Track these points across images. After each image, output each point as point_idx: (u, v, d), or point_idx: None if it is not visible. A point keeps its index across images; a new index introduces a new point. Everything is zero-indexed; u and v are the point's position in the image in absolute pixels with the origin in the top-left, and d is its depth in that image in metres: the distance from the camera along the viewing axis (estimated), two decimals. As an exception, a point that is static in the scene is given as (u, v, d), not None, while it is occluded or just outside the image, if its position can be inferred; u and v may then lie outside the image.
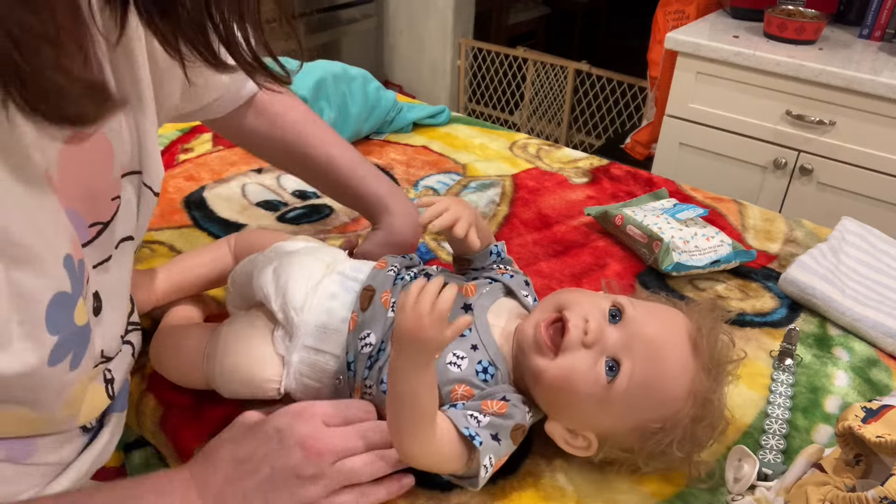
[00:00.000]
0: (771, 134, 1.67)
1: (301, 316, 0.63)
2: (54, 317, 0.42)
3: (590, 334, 0.57)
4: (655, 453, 0.58)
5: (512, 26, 3.53)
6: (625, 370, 0.56)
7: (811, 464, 0.59)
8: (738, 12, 1.87)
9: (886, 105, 1.50)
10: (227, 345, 0.65)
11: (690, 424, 0.57)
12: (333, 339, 0.63)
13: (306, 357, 0.63)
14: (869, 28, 1.73)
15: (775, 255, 0.97)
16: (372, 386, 0.62)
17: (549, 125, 2.77)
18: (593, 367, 0.57)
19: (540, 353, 0.58)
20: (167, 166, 1.12)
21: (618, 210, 0.98)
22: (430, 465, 0.56)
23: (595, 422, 0.59)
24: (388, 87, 1.39)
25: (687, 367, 0.57)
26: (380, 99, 1.24)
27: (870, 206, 1.59)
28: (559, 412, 0.60)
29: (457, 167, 1.18)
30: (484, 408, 0.57)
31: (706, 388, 0.57)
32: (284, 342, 0.64)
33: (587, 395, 0.57)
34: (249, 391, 0.65)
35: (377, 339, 0.62)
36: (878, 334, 0.80)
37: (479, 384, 0.59)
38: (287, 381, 0.64)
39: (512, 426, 0.57)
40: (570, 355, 0.57)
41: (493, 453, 0.56)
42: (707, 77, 1.71)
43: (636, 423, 0.57)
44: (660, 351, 0.57)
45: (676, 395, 0.57)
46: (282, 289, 0.65)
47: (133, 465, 0.72)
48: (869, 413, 0.56)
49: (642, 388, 0.56)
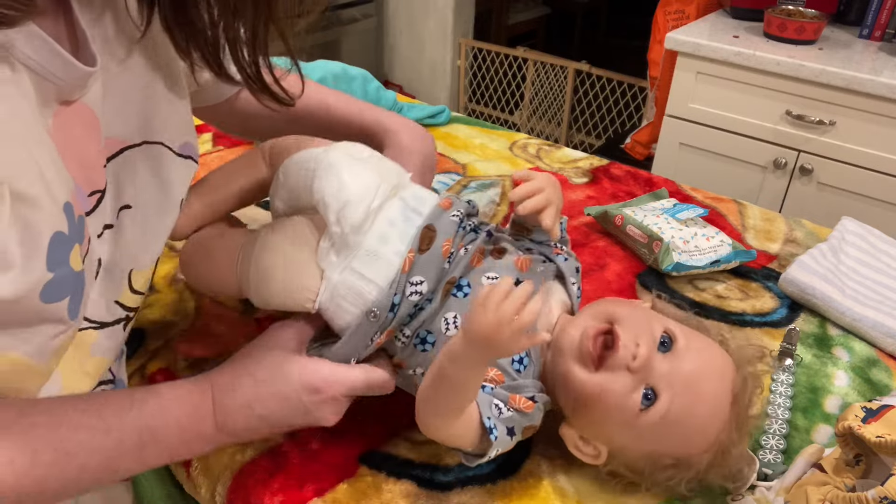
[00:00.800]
0: (771, 134, 1.67)
1: (356, 237, 0.60)
2: (52, 254, 0.42)
3: (638, 360, 0.55)
4: (661, 483, 0.58)
5: (512, 26, 3.53)
6: (661, 404, 0.55)
7: (811, 464, 0.59)
8: (738, 12, 1.87)
9: (886, 105, 1.49)
10: (266, 245, 0.61)
11: (704, 469, 0.57)
12: (382, 270, 0.59)
13: (349, 279, 0.60)
14: (869, 28, 1.73)
15: (775, 255, 0.97)
16: (410, 338, 0.60)
17: (549, 125, 2.77)
18: (630, 393, 0.55)
19: (582, 362, 0.57)
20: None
21: (618, 210, 0.98)
22: (441, 439, 0.55)
23: (612, 438, 0.58)
24: (388, 87, 1.39)
25: (720, 416, 0.56)
26: (380, 99, 1.24)
27: (870, 206, 1.59)
28: (580, 421, 0.59)
29: (457, 167, 1.18)
30: (511, 402, 0.56)
31: (731, 441, 0.57)
32: (330, 256, 0.60)
33: (615, 415, 0.56)
34: (282, 299, 0.61)
35: (428, 289, 0.59)
36: (878, 334, 0.80)
37: (512, 373, 0.58)
38: (323, 298, 0.60)
39: (527, 424, 0.57)
40: (611, 374, 0.56)
41: (503, 447, 0.56)
42: (707, 77, 1.71)
43: (652, 451, 0.57)
44: (700, 395, 0.56)
45: (700, 441, 0.56)
46: (342, 202, 0.59)
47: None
48: (869, 413, 0.56)
49: (671, 426, 0.55)
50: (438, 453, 0.64)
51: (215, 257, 0.65)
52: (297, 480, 0.61)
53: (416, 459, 0.64)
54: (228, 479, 0.62)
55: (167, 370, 0.72)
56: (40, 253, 0.42)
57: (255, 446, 0.64)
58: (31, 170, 0.41)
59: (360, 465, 0.63)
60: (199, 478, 0.63)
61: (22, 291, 0.41)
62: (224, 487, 0.61)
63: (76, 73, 0.46)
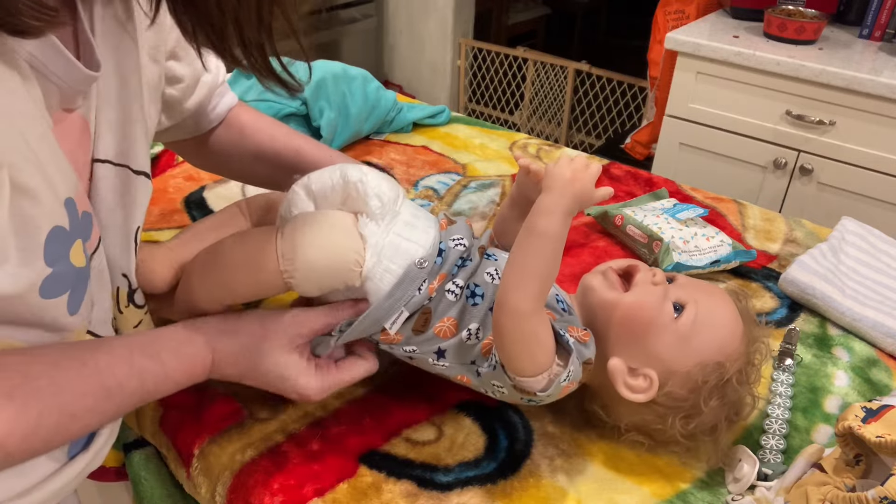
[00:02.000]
0: (771, 134, 1.67)
1: (395, 207, 0.63)
2: (50, 249, 0.43)
3: (658, 276, 0.63)
4: (715, 391, 0.60)
5: (512, 26, 3.53)
6: (689, 309, 0.61)
7: (811, 464, 0.59)
8: (738, 12, 1.87)
9: (886, 105, 1.49)
10: (308, 220, 0.61)
11: (745, 364, 0.61)
12: (422, 235, 0.62)
13: (394, 240, 0.61)
14: (869, 28, 1.73)
15: (775, 255, 0.97)
16: (462, 289, 0.62)
17: (549, 125, 2.77)
18: (663, 302, 0.61)
19: (612, 288, 0.63)
20: (167, 166, 1.12)
21: (618, 210, 0.98)
22: (525, 340, 0.55)
23: (661, 355, 0.60)
24: (388, 87, 1.39)
25: (737, 320, 0.63)
26: (380, 99, 1.24)
27: (870, 206, 1.59)
28: (625, 345, 0.61)
29: (457, 167, 1.18)
30: (570, 331, 0.59)
31: (752, 333, 0.63)
32: (370, 226, 0.61)
33: (657, 324, 0.60)
34: (329, 265, 0.59)
35: (468, 243, 0.64)
36: (878, 334, 0.80)
37: (560, 311, 0.62)
38: (370, 263, 0.60)
39: (587, 357, 0.59)
40: (640, 289, 0.62)
41: (574, 369, 0.58)
42: (707, 77, 1.71)
43: (700, 360, 0.60)
44: (716, 302, 0.63)
45: (733, 334, 0.61)
46: (378, 181, 0.63)
47: (133, 466, 0.72)
48: (869, 413, 0.56)
49: (705, 327, 0.61)
50: (438, 453, 0.64)
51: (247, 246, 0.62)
52: (297, 480, 0.61)
53: (416, 459, 0.64)
54: (228, 479, 0.62)
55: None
56: (37, 246, 0.42)
57: (255, 446, 0.64)
58: (31, 161, 0.41)
59: (360, 465, 0.63)
60: (199, 478, 0.63)
61: (21, 287, 0.41)
62: (224, 487, 0.61)
63: (79, 76, 0.46)
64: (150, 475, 0.71)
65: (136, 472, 0.72)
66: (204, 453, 0.64)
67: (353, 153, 1.20)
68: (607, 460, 0.65)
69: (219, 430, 0.66)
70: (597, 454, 0.65)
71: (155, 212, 0.99)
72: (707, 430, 0.62)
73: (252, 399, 0.69)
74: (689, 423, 0.60)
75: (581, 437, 0.66)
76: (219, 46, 0.47)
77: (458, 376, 0.63)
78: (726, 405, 0.61)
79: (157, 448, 0.70)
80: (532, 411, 0.69)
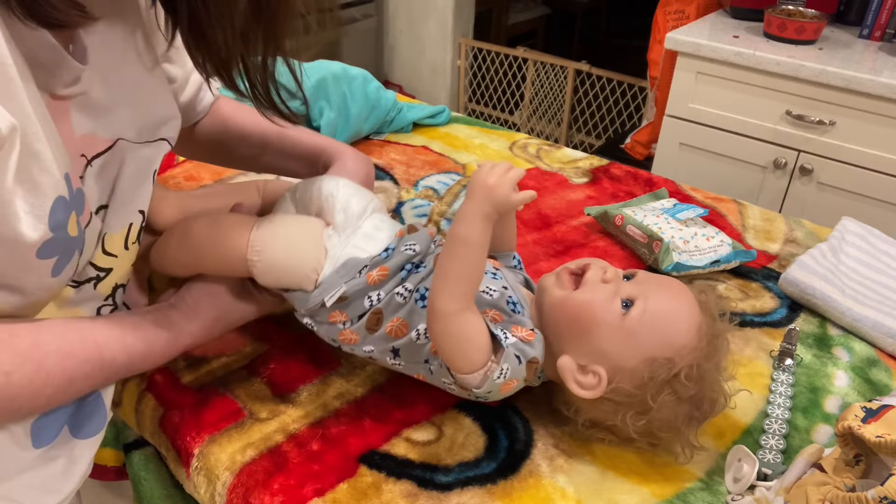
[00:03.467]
0: (771, 134, 1.67)
1: (357, 221, 0.69)
2: (54, 216, 0.47)
3: (609, 273, 0.63)
4: (664, 386, 0.59)
5: (512, 26, 3.53)
6: (637, 306, 0.61)
7: (811, 464, 0.59)
8: (738, 12, 1.87)
9: (886, 105, 1.49)
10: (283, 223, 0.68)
11: (698, 361, 0.60)
12: (378, 245, 0.68)
13: (349, 251, 0.67)
14: (869, 28, 1.73)
15: (775, 255, 0.97)
16: (411, 292, 0.64)
17: (549, 125, 2.77)
18: (611, 300, 0.62)
19: (562, 287, 0.64)
20: (167, 166, 1.12)
21: (618, 210, 0.98)
22: (456, 340, 0.58)
23: (608, 352, 0.61)
24: (388, 87, 1.39)
25: (694, 311, 0.62)
26: (380, 99, 1.24)
27: (870, 206, 1.59)
28: (573, 343, 0.62)
29: (457, 167, 1.18)
30: (514, 331, 0.61)
31: (712, 329, 0.62)
32: (333, 239, 0.68)
33: (603, 322, 0.61)
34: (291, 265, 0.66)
35: (420, 249, 0.67)
36: (878, 334, 0.80)
37: (509, 311, 0.63)
38: (326, 272, 0.66)
39: (531, 356, 0.60)
40: (588, 287, 0.63)
41: (511, 367, 0.59)
42: (707, 77, 1.71)
43: (647, 355, 0.60)
44: (670, 297, 0.63)
45: (685, 329, 0.61)
46: (347, 196, 0.71)
47: (133, 466, 0.72)
48: (869, 413, 0.56)
49: (654, 321, 0.61)
50: (438, 453, 0.64)
51: (228, 224, 0.68)
52: (297, 480, 0.61)
53: (416, 459, 0.64)
54: (228, 479, 0.62)
55: (166, 369, 0.72)
56: (44, 213, 0.46)
57: (255, 446, 0.64)
58: (37, 131, 0.44)
59: (360, 465, 0.63)
60: (199, 478, 0.63)
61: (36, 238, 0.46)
62: (224, 487, 0.61)
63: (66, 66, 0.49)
64: (150, 475, 0.71)
65: (136, 473, 0.72)
66: (204, 453, 0.64)
67: (353, 153, 1.20)
68: (607, 460, 0.65)
69: (219, 430, 0.66)
70: (597, 454, 0.65)
71: (155, 212, 0.99)
72: (666, 427, 0.61)
73: (252, 399, 0.69)
74: (640, 420, 0.61)
75: (581, 438, 0.66)
76: (224, 77, 0.54)
77: (415, 374, 0.67)
78: (684, 402, 0.60)
79: (156, 448, 0.70)
80: (532, 411, 0.69)
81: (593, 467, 0.64)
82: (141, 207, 0.62)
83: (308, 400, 0.69)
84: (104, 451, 0.75)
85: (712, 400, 0.62)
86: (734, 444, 0.65)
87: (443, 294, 0.57)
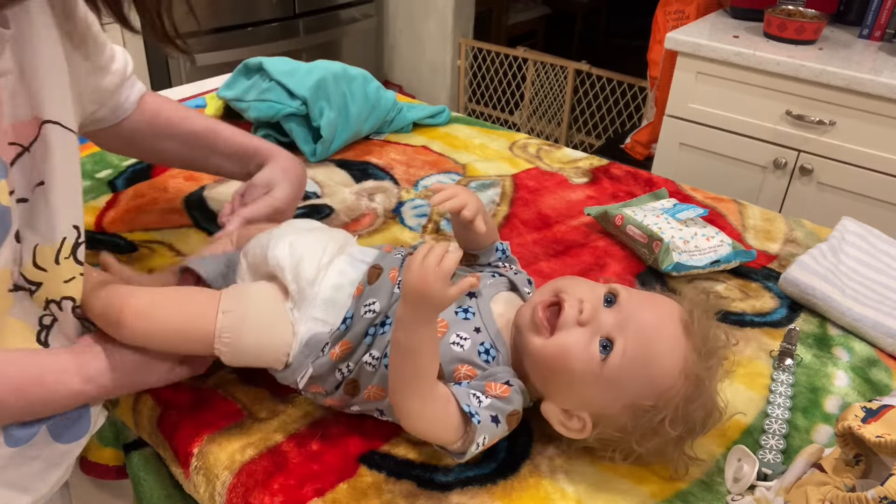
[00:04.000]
0: (771, 134, 1.67)
1: (311, 289, 0.64)
2: None
3: (584, 313, 0.59)
4: (648, 432, 0.59)
5: (512, 26, 3.53)
6: (618, 348, 0.58)
7: (811, 464, 0.59)
8: (738, 12, 1.87)
9: (886, 105, 1.49)
10: (248, 308, 0.64)
11: (683, 404, 0.58)
12: (340, 312, 0.64)
13: (312, 328, 0.64)
14: (869, 28, 1.73)
15: (775, 255, 0.97)
16: (379, 359, 0.62)
17: (549, 125, 2.77)
18: (588, 345, 0.59)
19: (537, 332, 0.60)
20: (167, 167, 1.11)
21: (618, 210, 0.98)
22: (425, 430, 0.57)
23: (589, 400, 0.60)
24: (388, 87, 1.39)
25: (678, 346, 0.59)
26: (380, 99, 1.24)
27: (870, 206, 1.59)
28: (555, 391, 0.61)
29: (457, 167, 1.18)
30: (488, 389, 0.59)
31: (698, 367, 0.59)
32: (293, 314, 0.65)
33: (582, 371, 0.58)
34: (262, 352, 0.64)
35: (381, 307, 0.63)
36: (878, 334, 0.80)
37: (482, 364, 0.61)
38: (295, 351, 0.63)
39: (510, 410, 0.59)
40: (565, 333, 0.59)
41: (489, 434, 0.58)
42: (707, 77, 1.71)
43: (629, 401, 0.59)
44: (652, 331, 0.59)
45: (668, 373, 0.58)
46: (296, 262, 0.65)
47: (133, 466, 0.72)
48: (869, 413, 0.56)
49: (635, 365, 0.58)
50: (438, 453, 0.64)
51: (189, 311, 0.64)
52: (297, 480, 0.61)
53: (416, 459, 0.64)
54: (228, 479, 0.62)
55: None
56: None
57: (255, 446, 0.64)
58: None
59: (360, 465, 0.63)
60: (199, 478, 0.63)
61: None
62: (224, 487, 0.61)
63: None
64: (150, 475, 0.71)
65: (136, 473, 0.72)
66: (203, 453, 0.64)
67: (353, 153, 1.20)
68: (607, 461, 0.64)
69: (218, 430, 0.66)
70: (597, 455, 0.65)
71: (155, 212, 0.99)
72: (655, 454, 0.61)
73: (252, 399, 0.69)
74: (628, 458, 0.62)
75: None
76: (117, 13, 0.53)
77: None
78: (669, 440, 0.59)
79: (155, 448, 0.70)
80: (532, 411, 0.69)
81: (593, 467, 0.64)
82: (75, 222, 0.61)
83: (308, 400, 0.69)
84: (104, 451, 0.75)
85: (703, 422, 0.61)
86: (734, 445, 0.64)
87: (403, 396, 0.55)
